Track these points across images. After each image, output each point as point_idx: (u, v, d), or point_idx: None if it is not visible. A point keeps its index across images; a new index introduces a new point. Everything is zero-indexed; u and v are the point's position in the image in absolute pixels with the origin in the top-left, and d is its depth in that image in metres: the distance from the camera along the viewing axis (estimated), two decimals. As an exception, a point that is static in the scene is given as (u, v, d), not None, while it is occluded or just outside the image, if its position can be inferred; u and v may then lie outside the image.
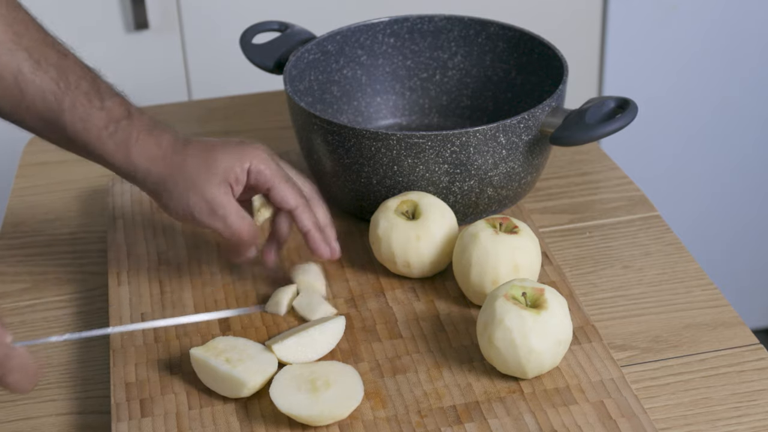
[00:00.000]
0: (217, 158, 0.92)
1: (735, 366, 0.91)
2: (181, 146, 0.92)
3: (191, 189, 0.91)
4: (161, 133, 0.93)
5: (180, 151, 0.92)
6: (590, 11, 1.82)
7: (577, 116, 1.01)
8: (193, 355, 0.88)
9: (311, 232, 0.95)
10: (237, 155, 0.92)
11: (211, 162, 0.91)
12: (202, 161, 0.91)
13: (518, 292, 0.88)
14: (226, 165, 0.92)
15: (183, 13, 1.67)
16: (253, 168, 0.93)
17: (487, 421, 0.84)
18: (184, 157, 0.92)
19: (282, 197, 0.94)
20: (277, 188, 0.93)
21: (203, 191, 0.91)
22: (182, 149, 0.92)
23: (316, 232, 0.96)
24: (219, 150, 0.92)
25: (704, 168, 2.01)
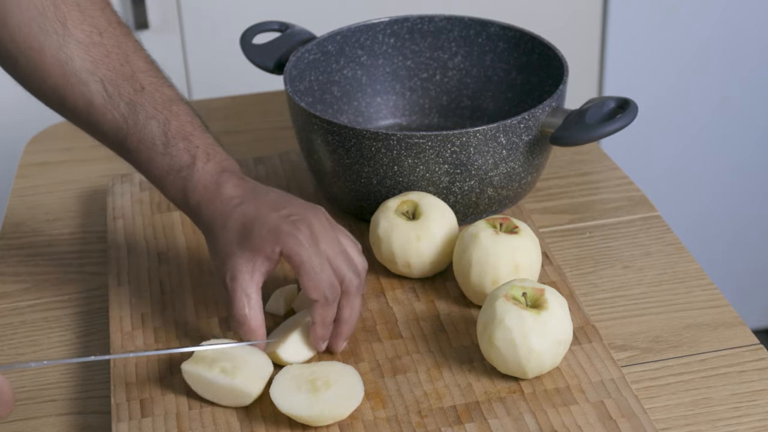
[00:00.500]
0: (253, 234, 0.86)
1: (735, 366, 0.91)
2: (232, 207, 0.88)
3: (220, 252, 0.88)
4: (219, 187, 0.89)
5: (227, 213, 0.88)
6: (590, 11, 1.82)
7: (577, 116, 1.01)
8: (185, 371, 0.86)
9: (316, 326, 0.88)
10: (272, 236, 0.86)
11: (247, 238, 0.86)
12: (240, 233, 0.87)
13: (518, 293, 0.88)
14: (259, 245, 0.86)
15: (183, 13, 1.67)
16: (285, 251, 0.86)
17: (487, 422, 0.84)
18: (226, 222, 0.87)
19: (306, 287, 0.86)
20: (304, 278, 0.86)
21: (228, 260, 0.87)
22: (230, 212, 0.88)
23: (321, 328, 0.88)
24: (257, 226, 0.86)
25: (704, 168, 2.01)
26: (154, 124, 0.89)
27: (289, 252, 0.85)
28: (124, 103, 0.89)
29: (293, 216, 0.87)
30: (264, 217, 0.87)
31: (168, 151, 0.90)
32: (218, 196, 0.89)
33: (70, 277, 1.06)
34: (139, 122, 0.89)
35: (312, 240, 0.86)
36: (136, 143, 0.90)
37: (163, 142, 0.89)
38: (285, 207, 0.88)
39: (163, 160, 0.89)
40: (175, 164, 0.89)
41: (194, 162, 0.90)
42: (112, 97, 0.89)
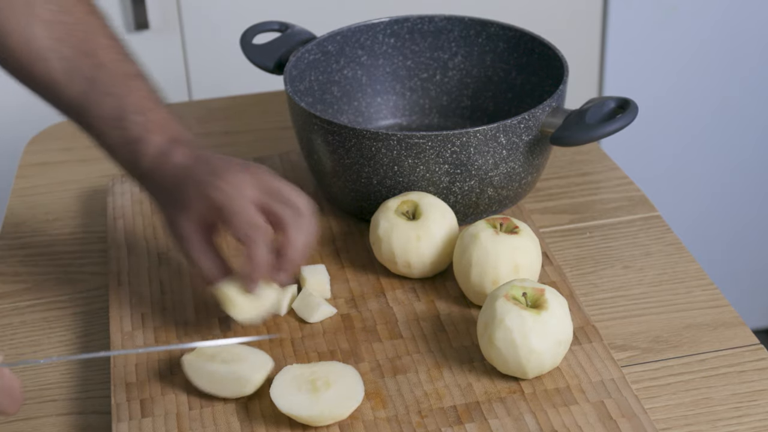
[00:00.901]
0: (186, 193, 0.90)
1: (735, 366, 0.91)
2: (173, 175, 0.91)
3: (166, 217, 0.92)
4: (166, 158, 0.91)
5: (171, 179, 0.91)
6: (590, 11, 1.82)
7: (577, 116, 1.01)
8: (186, 362, 0.87)
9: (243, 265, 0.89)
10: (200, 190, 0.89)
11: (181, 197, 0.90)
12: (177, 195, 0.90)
13: (518, 293, 0.88)
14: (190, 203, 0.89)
15: (183, 13, 1.67)
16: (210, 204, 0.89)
17: (487, 422, 0.84)
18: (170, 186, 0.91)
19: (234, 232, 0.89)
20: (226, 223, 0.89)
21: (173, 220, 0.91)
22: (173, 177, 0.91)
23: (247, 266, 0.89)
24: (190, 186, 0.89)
25: (704, 168, 2.01)
26: (111, 100, 0.92)
27: (213, 202, 0.88)
28: (83, 78, 0.92)
29: (221, 171, 0.90)
30: (196, 177, 0.90)
31: (122, 125, 0.92)
32: (164, 165, 0.92)
33: (70, 277, 1.06)
34: (97, 98, 0.92)
35: (235, 187, 0.89)
36: (94, 118, 0.92)
37: (118, 116, 0.92)
38: (222, 168, 0.90)
39: (116, 134, 0.92)
40: (128, 137, 0.92)
41: (147, 135, 0.92)
42: (71, 73, 0.92)
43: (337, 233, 1.08)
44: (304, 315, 0.96)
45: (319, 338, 0.94)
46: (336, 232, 1.08)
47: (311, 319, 0.95)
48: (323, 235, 1.07)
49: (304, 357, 0.92)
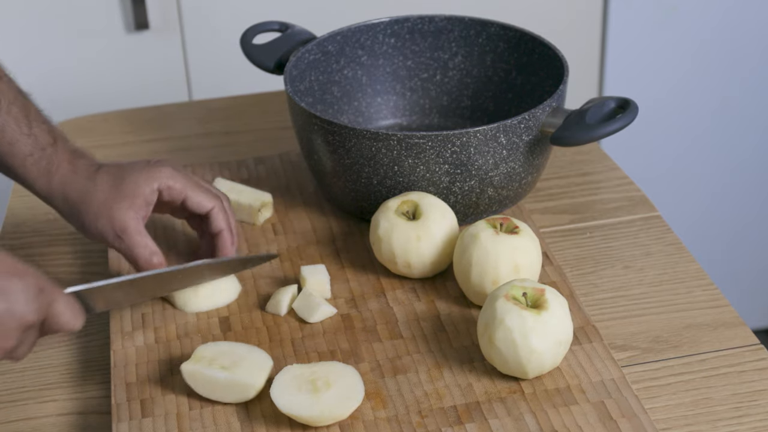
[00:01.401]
0: (125, 183, 0.95)
1: (735, 366, 0.91)
2: (93, 172, 0.96)
3: (100, 213, 0.94)
4: (78, 159, 0.96)
5: (92, 176, 0.95)
6: (590, 11, 1.82)
7: (577, 116, 1.01)
8: (185, 371, 0.87)
9: (224, 232, 0.99)
10: (144, 177, 0.95)
11: (120, 187, 0.95)
12: (112, 186, 0.95)
13: (519, 293, 0.88)
14: (135, 189, 0.95)
15: (183, 14, 1.67)
16: (162, 186, 0.96)
17: (487, 422, 0.84)
18: (95, 183, 0.95)
19: (198, 202, 0.97)
20: (191, 195, 0.97)
21: (111, 216, 0.94)
22: (94, 175, 0.95)
23: (228, 233, 0.99)
24: (127, 174, 0.95)
25: (705, 168, 2.01)
26: (16, 109, 0.95)
27: (169, 184, 0.96)
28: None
29: (151, 160, 0.97)
30: (128, 166, 0.96)
31: (32, 132, 0.95)
32: (79, 166, 0.96)
33: (70, 277, 1.06)
34: (2, 107, 0.94)
35: (179, 170, 0.97)
36: (2, 126, 0.94)
37: (26, 124, 0.95)
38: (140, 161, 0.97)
39: (28, 141, 0.95)
40: (39, 144, 0.95)
41: (56, 141, 0.96)
42: None
43: (337, 233, 1.08)
44: (304, 315, 0.96)
45: (319, 338, 0.94)
46: (336, 232, 1.08)
47: (311, 319, 0.95)
48: (323, 235, 1.07)
49: (304, 357, 0.92)
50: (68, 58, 1.66)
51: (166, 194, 0.96)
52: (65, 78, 1.65)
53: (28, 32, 1.63)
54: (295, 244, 1.06)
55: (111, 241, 0.95)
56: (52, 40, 1.64)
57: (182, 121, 1.34)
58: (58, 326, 0.81)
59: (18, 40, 1.61)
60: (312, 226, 1.09)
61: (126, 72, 1.69)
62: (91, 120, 1.33)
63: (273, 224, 1.10)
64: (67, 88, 1.64)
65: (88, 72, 1.67)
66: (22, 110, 0.95)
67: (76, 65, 1.66)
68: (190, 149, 1.26)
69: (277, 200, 1.13)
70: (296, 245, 1.06)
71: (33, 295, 0.77)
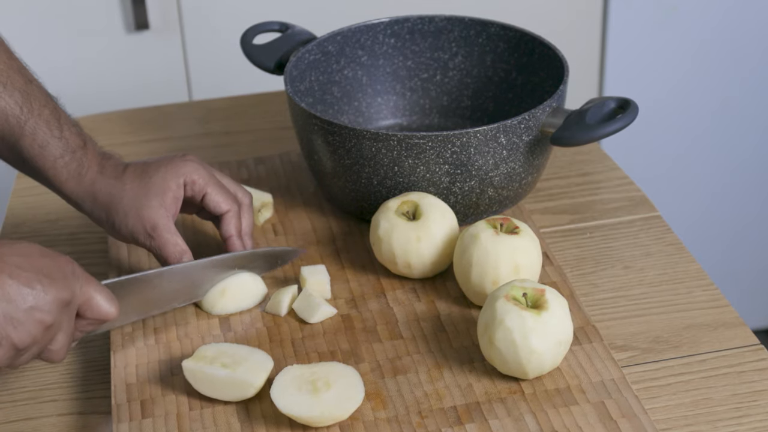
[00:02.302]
0: (152, 180, 0.96)
1: (736, 366, 0.91)
2: (120, 172, 0.97)
3: (130, 212, 0.95)
4: (107, 161, 0.97)
5: (119, 176, 0.96)
6: (590, 11, 1.82)
7: (577, 116, 1.01)
8: (186, 368, 0.87)
9: (233, 238, 0.99)
10: (171, 173, 0.96)
11: (148, 184, 0.96)
12: (139, 185, 0.96)
13: (519, 293, 0.88)
14: (162, 185, 0.96)
15: (183, 14, 1.67)
16: (187, 180, 0.97)
17: (487, 422, 0.84)
18: (123, 182, 0.96)
19: (215, 202, 0.98)
20: (210, 193, 0.97)
21: (141, 215, 0.95)
22: (121, 175, 0.96)
23: (237, 239, 0.99)
24: (153, 171, 0.96)
25: (705, 168, 2.01)
26: (47, 112, 0.96)
27: (193, 178, 0.97)
28: (18, 92, 0.94)
29: (177, 155, 0.98)
30: (155, 163, 0.97)
31: (63, 135, 0.96)
32: (107, 167, 0.97)
33: (71, 277, 1.06)
34: (34, 109, 0.95)
35: (204, 167, 0.98)
36: (33, 129, 0.95)
37: (57, 127, 0.96)
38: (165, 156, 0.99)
39: (59, 144, 0.96)
40: (70, 146, 0.96)
41: (85, 144, 0.97)
42: (6, 86, 0.94)
43: (337, 233, 1.08)
44: (304, 315, 0.96)
45: (320, 339, 0.94)
46: (336, 232, 1.08)
47: (311, 320, 0.95)
48: (323, 235, 1.07)
49: (305, 357, 0.92)
50: (68, 58, 1.66)
51: (189, 189, 0.97)
52: (65, 78, 1.65)
53: (28, 32, 1.63)
54: (295, 245, 1.06)
55: (142, 240, 0.96)
56: (52, 40, 1.64)
57: (182, 121, 1.34)
58: (94, 311, 0.81)
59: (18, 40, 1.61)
60: (312, 226, 1.09)
61: (126, 72, 1.69)
62: (91, 120, 1.33)
63: (273, 224, 1.10)
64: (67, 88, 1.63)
65: (88, 72, 1.67)
66: (53, 113, 0.96)
67: (76, 65, 1.67)
68: (190, 149, 1.26)
69: (277, 200, 1.13)
70: (296, 245, 1.06)
71: (67, 274, 0.78)
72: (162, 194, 0.95)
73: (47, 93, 0.97)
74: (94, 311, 0.81)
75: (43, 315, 0.76)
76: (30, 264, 0.76)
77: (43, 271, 0.77)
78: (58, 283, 0.77)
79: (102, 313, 0.81)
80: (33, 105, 0.95)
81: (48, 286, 0.76)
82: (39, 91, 0.96)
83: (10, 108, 0.94)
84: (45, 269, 0.77)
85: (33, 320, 0.75)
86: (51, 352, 0.79)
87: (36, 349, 0.77)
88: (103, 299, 0.81)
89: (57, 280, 0.77)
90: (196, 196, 0.98)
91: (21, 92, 0.94)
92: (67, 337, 0.80)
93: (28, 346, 0.76)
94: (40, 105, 0.95)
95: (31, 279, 0.76)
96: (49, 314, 0.76)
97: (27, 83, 0.95)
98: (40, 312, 0.76)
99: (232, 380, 0.86)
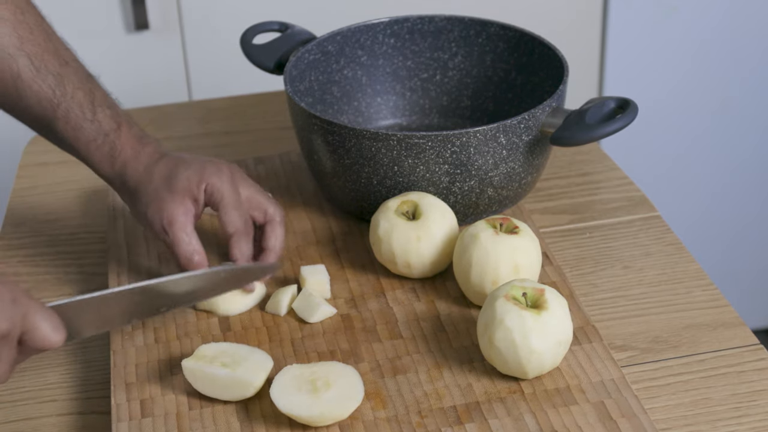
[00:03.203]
0: (178, 177, 0.96)
1: (735, 366, 0.91)
2: (154, 161, 0.97)
3: (151, 203, 0.96)
4: (143, 147, 0.97)
5: (151, 166, 0.96)
6: (590, 11, 1.82)
7: (577, 116, 1.01)
8: (186, 367, 0.87)
9: (238, 262, 0.97)
10: (197, 175, 0.96)
11: (173, 180, 0.96)
12: (166, 178, 0.96)
13: (518, 293, 0.88)
14: (186, 185, 0.95)
15: (183, 14, 1.67)
16: (209, 188, 0.96)
17: (487, 422, 0.84)
18: (152, 173, 0.96)
19: (225, 221, 0.97)
20: (224, 211, 0.96)
21: (161, 207, 0.95)
22: (153, 164, 0.96)
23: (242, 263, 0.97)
24: (182, 168, 0.96)
25: (704, 168, 2.01)
26: (81, 94, 0.96)
27: (212, 187, 0.95)
28: (52, 75, 0.95)
29: (214, 160, 0.98)
30: (186, 162, 0.97)
31: (96, 118, 0.96)
32: (143, 153, 0.97)
33: (70, 277, 1.06)
34: (67, 92, 0.95)
35: (232, 180, 0.97)
36: (65, 111, 0.95)
37: (90, 110, 0.96)
38: (202, 158, 0.98)
39: (92, 127, 0.96)
40: (103, 129, 0.96)
41: (120, 127, 0.97)
42: (40, 70, 0.95)
43: (337, 233, 1.08)
44: (304, 315, 0.96)
45: (319, 338, 0.94)
46: (336, 232, 1.08)
47: (311, 319, 0.95)
48: (323, 235, 1.07)
49: (304, 357, 0.92)
50: (68, 58, 1.66)
51: (209, 196, 0.96)
52: (65, 78, 1.65)
53: (28, 32, 1.62)
54: (295, 244, 1.06)
55: (158, 232, 0.96)
56: (52, 40, 1.64)
57: (182, 121, 1.34)
58: (36, 341, 0.76)
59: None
60: (312, 226, 1.09)
61: (126, 72, 1.69)
62: (91, 120, 1.33)
63: (273, 224, 1.10)
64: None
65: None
66: (87, 95, 0.96)
67: (76, 65, 1.66)
68: (190, 149, 1.25)
69: (277, 200, 1.13)
70: (296, 245, 1.06)
71: (6, 303, 0.74)
72: (183, 193, 0.95)
73: (85, 74, 0.97)
74: (36, 341, 0.76)
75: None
76: None
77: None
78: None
79: (45, 342, 0.76)
80: (66, 88, 0.95)
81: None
82: (74, 73, 0.96)
83: (43, 92, 0.94)
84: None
85: None
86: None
87: None
88: (48, 327, 0.76)
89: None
90: (214, 205, 0.97)
91: (55, 75, 0.95)
92: (8, 365, 0.76)
93: None
94: (74, 88, 0.95)
95: None
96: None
97: (62, 65, 0.95)
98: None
99: (231, 380, 0.86)
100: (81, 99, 0.96)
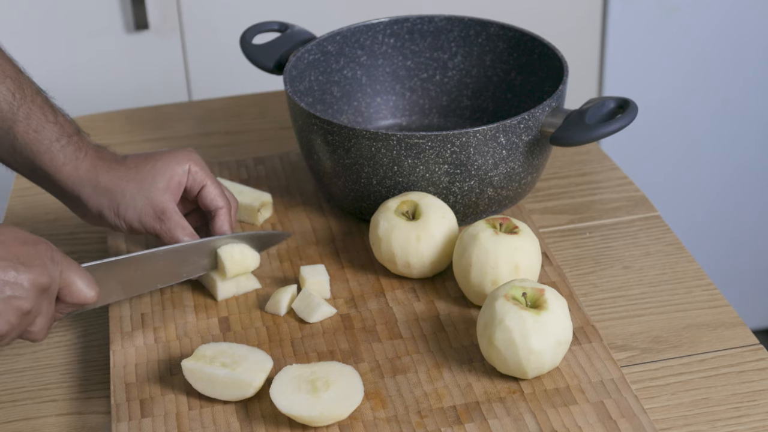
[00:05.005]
0: (157, 165, 0.97)
1: (735, 366, 0.91)
2: (121, 159, 0.98)
3: (137, 196, 0.96)
4: (102, 150, 0.98)
5: (121, 162, 0.97)
6: (590, 11, 1.82)
7: (577, 116, 1.01)
8: (185, 367, 0.87)
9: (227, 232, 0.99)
10: (175, 160, 0.98)
11: (154, 170, 0.97)
12: (145, 169, 0.97)
13: (518, 293, 0.88)
14: (168, 171, 0.97)
15: (183, 14, 1.67)
16: (191, 169, 0.98)
17: (487, 422, 0.84)
18: (127, 166, 0.97)
19: (213, 195, 0.99)
20: (208, 186, 0.99)
21: (150, 197, 0.96)
22: (122, 160, 0.97)
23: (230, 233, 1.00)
24: (157, 157, 0.98)
25: (705, 168, 2.01)
26: (40, 99, 0.96)
27: (194, 167, 0.98)
28: (10, 79, 0.95)
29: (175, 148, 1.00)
30: (157, 152, 0.99)
31: (57, 120, 0.96)
32: (106, 153, 0.98)
33: (70, 277, 1.06)
34: (27, 96, 0.95)
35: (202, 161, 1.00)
36: (27, 113, 0.95)
37: (51, 113, 0.96)
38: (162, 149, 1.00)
39: (54, 128, 0.96)
40: (65, 131, 0.97)
41: (79, 131, 0.98)
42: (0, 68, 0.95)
43: (337, 233, 1.08)
44: (303, 315, 0.96)
45: (319, 338, 0.94)
46: (336, 232, 1.08)
47: (311, 319, 0.95)
48: (323, 235, 1.07)
49: (304, 357, 0.92)
50: (68, 59, 1.66)
51: (191, 178, 0.98)
52: (65, 78, 1.65)
53: (28, 32, 1.63)
54: (295, 245, 1.06)
55: (151, 224, 0.96)
56: (52, 41, 1.64)
57: (182, 121, 1.34)
58: (73, 296, 0.82)
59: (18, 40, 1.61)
60: (312, 226, 1.09)
61: (126, 72, 1.69)
62: (91, 120, 1.33)
63: (273, 224, 1.10)
64: (66, 88, 1.64)
65: (88, 72, 1.67)
66: (46, 101, 0.97)
67: (76, 65, 1.67)
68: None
69: (276, 200, 1.13)
70: (296, 245, 1.06)
71: (45, 260, 0.79)
72: (168, 179, 0.97)
73: (37, 85, 0.97)
74: (73, 296, 0.82)
75: (21, 302, 0.77)
76: (6, 251, 0.77)
77: (20, 258, 0.77)
78: (35, 269, 0.78)
79: (81, 297, 0.83)
80: (26, 92, 0.95)
81: (25, 273, 0.77)
82: (29, 80, 0.96)
83: (2, 94, 0.94)
84: (22, 256, 0.78)
85: (11, 308, 0.77)
86: (31, 333, 0.81)
87: (15, 334, 0.78)
88: (83, 284, 0.82)
89: (34, 266, 0.78)
90: (195, 186, 0.98)
91: (13, 80, 0.95)
92: (47, 320, 0.81)
93: (6, 332, 0.77)
94: (33, 92, 0.96)
95: (7, 267, 0.77)
96: (27, 301, 0.77)
97: (18, 72, 0.96)
98: (17, 300, 0.77)
99: (231, 380, 0.86)
100: (41, 102, 0.96)
